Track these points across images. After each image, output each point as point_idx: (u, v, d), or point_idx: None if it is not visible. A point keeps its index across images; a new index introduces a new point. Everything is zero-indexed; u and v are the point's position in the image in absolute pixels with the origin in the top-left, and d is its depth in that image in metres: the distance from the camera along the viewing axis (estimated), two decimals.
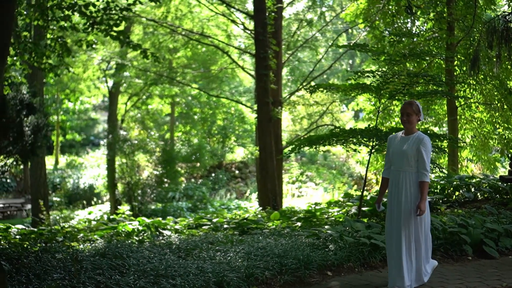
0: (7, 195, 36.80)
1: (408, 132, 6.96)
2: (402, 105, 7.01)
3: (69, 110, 49.43)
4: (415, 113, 6.88)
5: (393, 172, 7.02)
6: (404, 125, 6.97)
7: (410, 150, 6.80)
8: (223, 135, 41.46)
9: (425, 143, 6.79)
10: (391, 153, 7.08)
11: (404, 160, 6.85)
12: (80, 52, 26.90)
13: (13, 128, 14.88)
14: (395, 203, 6.91)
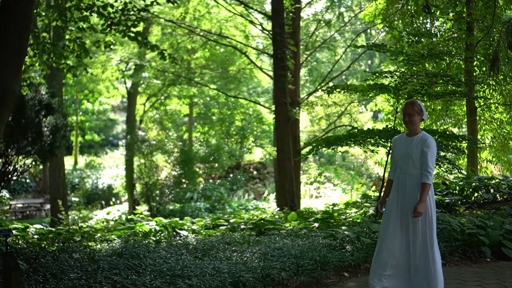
0: (26, 195, 37.04)
1: (412, 133, 6.70)
2: (403, 105, 6.77)
3: (88, 110, 49.72)
4: (418, 113, 6.62)
5: (399, 174, 6.75)
6: (407, 125, 6.70)
7: (415, 151, 6.55)
8: (241, 135, 41.46)
9: (429, 144, 6.52)
10: (396, 155, 6.83)
11: (409, 162, 6.60)
12: (99, 53, 27.01)
13: (32, 129, 14.98)
14: (399, 206, 6.63)
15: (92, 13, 12.81)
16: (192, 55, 29.55)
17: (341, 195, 31.60)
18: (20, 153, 15.55)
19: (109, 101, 47.66)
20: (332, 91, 12.09)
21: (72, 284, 7.18)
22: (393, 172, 6.93)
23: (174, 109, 39.49)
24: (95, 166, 43.49)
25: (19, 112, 14.62)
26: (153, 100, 35.01)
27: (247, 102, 36.42)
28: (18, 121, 14.70)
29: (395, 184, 6.80)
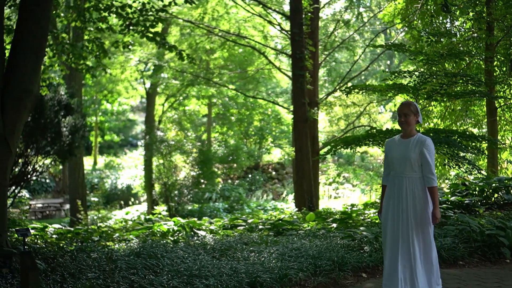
0: (46, 195, 37.29)
1: (407, 135, 6.49)
2: (399, 106, 6.56)
3: (107, 111, 49.96)
4: (414, 113, 6.42)
5: (395, 178, 6.52)
6: (402, 126, 6.48)
7: (412, 153, 6.33)
8: (260, 136, 41.45)
9: (428, 145, 6.33)
10: (391, 158, 6.59)
11: (407, 164, 6.37)
12: (118, 53, 27.13)
13: (51, 129, 15.05)
14: (398, 211, 6.40)
15: (110, 14, 12.86)
16: (210, 55, 29.58)
17: (360, 196, 31.49)
18: (39, 153, 15.63)
19: (128, 102, 47.86)
20: (351, 91, 12.04)
21: (90, 284, 7.20)
22: (387, 176, 6.73)
23: (193, 109, 39.56)
24: (114, 166, 43.69)
25: (38, 112, 14.70)
26: (172, 101, 35.10)
27: (266, 102, 36.40)
28: (37, 122, 14.77)
29: (390, 188, 6.59)
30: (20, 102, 8.75)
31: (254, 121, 40.55)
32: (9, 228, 9.93)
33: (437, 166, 18.12)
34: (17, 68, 8.72)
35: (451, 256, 8.59)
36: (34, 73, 8.92)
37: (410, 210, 6.32)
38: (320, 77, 28.13)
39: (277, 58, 29.87)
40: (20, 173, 15.31)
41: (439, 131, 11.22)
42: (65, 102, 16.15)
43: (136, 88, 38.51)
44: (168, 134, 30.87)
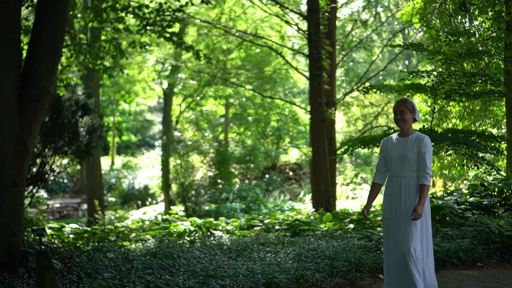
0: (64, 195, 37.49)
1: (405, 133, 6.34)
2: (395, 104, 6.42)
3: (125, 111, 50.13)
4: (410, 110, 6.28)
5: (393, 178, 6.37)
6: (399, 124, 6.32)
7: (411, 152, 6.19)
8: (277, 136, 41.41)
9: (426, 143, 6.18)
10: (388, 157, 6.43)
11: (405, 164, 6.23)
12: (135, 53, 27.21)
13: (68, 129, 15.12)
14: (396, 211, 6.25)
15: (127, 14, 12.89)
16: (227, 55, 29.59)
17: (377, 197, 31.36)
18: (57, 153, 15.71)
19: (145, 102, 48.00)
20: (368, 91, 11.98)
21: (106, 284, 7.20)
22: (380, 175, 6.59)
23: (210, 109, 39.59)
24: (132, 167, 43.83)
25: (56, 112, 14.77)
26: (189, 101, 35.15)
27: (283, 102, 36.37)
28: (55, 122, 14.85)
29: (389, 188, 6.43)
30: (37, 102, 8.78)
31: (271, 121, 40.52)
32: (26, 228, 9.97)
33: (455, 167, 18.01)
34: (34, 68, 8.76)
35: (470, 257, 8.51)
36: (51, 73, 8.95)
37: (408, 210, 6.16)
38: (337, 77, 28.07)
39: (294, 58, 29.82)
40: (37, 173, 15.39)
41: (458, 131, 11.13)
42: (82, 102, 16.22)
43: (154, 88, 38.63)
44: (185, 134, 30.91)
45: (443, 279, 7.63)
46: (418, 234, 6.13)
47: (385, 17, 26.62)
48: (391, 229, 6.33)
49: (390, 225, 6.34)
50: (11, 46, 8.49)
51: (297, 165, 40.00)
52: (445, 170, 18.78)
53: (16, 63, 8.60)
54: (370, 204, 6.66)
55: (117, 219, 25.72)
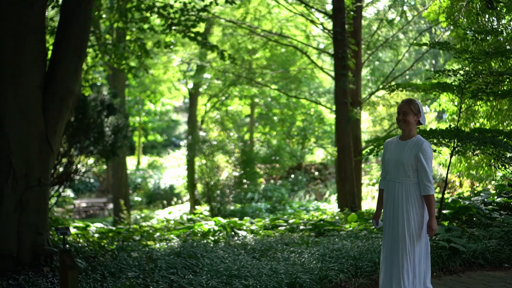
0: (90, 195, 37.75)
1: (406, 136, 6.03)
2: (400, 103, 6.09)
3: (150, 111, 50.34)
4: (414, 113, 5.95)
5: (389, 182, 6.09)
6: (400, 125, 6.02)
7: (407, 157, 5.88)
8: (302, 136, 41.30)
9: (425, 149, 5.85)
10: (387, 160, 6.15)
11: (400, 169, 5.93)
12: (161, 54, 27.29)
13: (94, 129, 15.20)
14: (391, 220, 6.01)
15: (152, 14, 12.92)
16: (252, 55, 29.56)
17: None
18: (83, 152, 15.81)
19: (171, 102, 48.15)
20: (393, 90, 11.87)
21: (130, 283, 7.21)
22: (384, 180, 6.29)
23: (235, 109, 39.60)
24: (157, 166, 43.99)
25: (81, 112, 14.86)
26: (215, 101, 35.17)
27: (308, 102, 36.25)
28: (80, 122, 14.93)
29: (386, 193, 6.17)
30: (62, 102, 8.83)
31: (296, 121, 40.41)
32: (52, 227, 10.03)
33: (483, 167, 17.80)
34: (58, 68, 8.81)
35: (496, 258, 8.40)
36: (75, 73, 9.00)
37: (402, 219, 5.88)
38: (363, 77, 27.89)
39: (320, 58, 29.70)
40: (64, 172, 15.50)
41: (485, 131, 10.98)
42: (107, 102, 16.29)
43: (179, 88, 38.72)
44: (211, 134, 30.93)
45: (469, 280, 7.54)
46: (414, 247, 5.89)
47: (412, 16, 26.39)
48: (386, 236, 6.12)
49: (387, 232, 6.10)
50: (36, 46, 8.55)
51: (323, 165, 39.85)
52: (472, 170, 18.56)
53: (41, 63, 8.66)
54: (379, 213, 6.43)
55: (143, 218, 25.81)
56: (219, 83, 30.91)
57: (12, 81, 8.26)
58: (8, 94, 8.25)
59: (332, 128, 37.63)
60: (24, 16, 8.31)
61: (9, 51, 8.26)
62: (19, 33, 8.28)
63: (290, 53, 29.63)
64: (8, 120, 8.22)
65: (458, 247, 8.30)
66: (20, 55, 8.32)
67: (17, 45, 8.28)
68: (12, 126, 8.24)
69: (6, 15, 8.24)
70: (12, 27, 8.24)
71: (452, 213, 11.18)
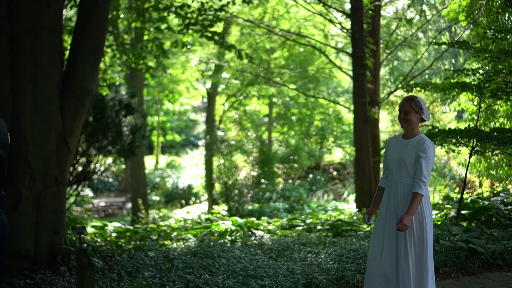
0: (109, 194, 37.93)
1: (408, 135, 5.86)
2: (401, 101, 5.89)
3: (169, 111, 50.47)
4: (416, 111, 5.75)
5: (390, 182, 5.91)
6: (402, 124, 5.85)
7: (408, 157, 5.70)
8: (320, 136, 41.20)
9: (426, 148, 5.66)
10: (388, 160, 5.97)
11: (402, 169, 5.76)
12: (179, 53, 27.35)
13: (112, 128, 15.24)
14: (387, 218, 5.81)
15: (169, 14, 12.94)
16: (271, 55, 29.53)
17: None
18: (101, 152, 15.86)
19: (189, 102, 48.26)
20: (412, 89, 11.81)
21: (146, 283, 7.22)
22: (385, 179, 6.11)
23: (254, 109, 39.60)
24: (176, 166, 44.09)
25: (99, 112, 14.91)
26: (233, 100, 35.18)
27: (327, 102, 36.17)
28: (99, 121, 14.98)
29: (386, 193, 5.97)
30: (79, 101, 8.86)
31: (315, 121, 40.33)
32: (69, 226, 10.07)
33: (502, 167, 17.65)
34: (76, 68, 8.85)
35: None
36: (92, 73, 9.03)
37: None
38: (382, 76, 27.77)
39: (338, 57, 29.60)
40: (82, 172, 15.57)
41: (505, 130, 10.87)
42: (125, 102, 16.33)
43: (197, 88, 38.79)
44: (229, 134, 30.94)
45: (487, 282, 7.47)
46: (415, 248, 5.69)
47: (431, 15, 26.24)
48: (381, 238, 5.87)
49: (382, 234, 5.87)
50: (53, 46, 8.58)
51: (341, 165, 39.72)
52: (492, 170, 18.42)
53: (59, 63, 8.70)
54: (373, 209, 6.23)
55: (161, 218, 25.86)
56: (237, 82, 30.91)
57: (30, 81, 8.29)
58: (25, 94, 8.29)
59: (351, 128, 37.50)
60: (41, 16, 8.34)
61: (27, 51, 8.30)
62: (37, 33, 8.31)
63: (308, 53, 29.58)
64: (26, 120, 8.26)
65: (477, 247, 8.22)
66: (38, 55, 8.35)
67: (35, 45, 8.32)
68: (29, 125, 8.28)
69: (24, 15, 8.28)
70: (30, 27, 8.28)
71: (471, 213, 11.09)
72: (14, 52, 8.25)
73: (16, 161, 8.21)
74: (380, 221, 5.92)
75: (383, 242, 5.83)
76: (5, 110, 8.15)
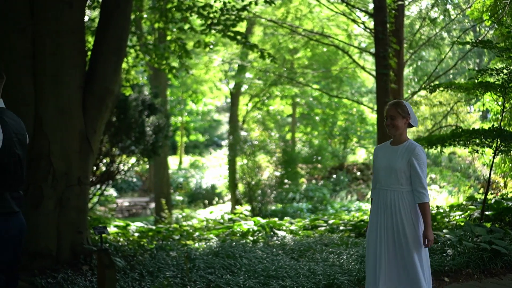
0: (133, 194, 38.09)
1: (397, 141, 5.68)
2: (386, 107, 5.75)
3: (192, 111, 50.60)
4: (402, 115, 5.59)
5: (380, 191, 5.69)
6: (389, 130, 5.66)
7: (399, 163, 5.51)
8: (344, 136, 41.08)
9: (418, 153, 5.50)
10: (377, 168, 5.80)
11: (392, 176, 5.56)
12: (202, 54, 27.41)
13: (135, 128, 15.32)
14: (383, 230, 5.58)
15: (192, 14, 12.97)
16: (294, 55, 29.49)
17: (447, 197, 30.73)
18: (124, 152, 15.95)
19: (213, 102, 48.35)
20: (435, 89, 11.73)
21: (167, 282, 7.24)
22: (375, 189, 5.89)
23: (277, 109, 39.57)
24: (199, 166, 44.18)
25: (123, 112, 14.99)
26: (256, 100, 35.19)
27: (350, 102, 36.07)
28: (122, 121, 15.07)
29: (375, 203, 5.79)
30: (101, 101, 8.92)
31: (338, 121, 40.22)
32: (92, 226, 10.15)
33: None
34: (98, 68, 8.91)
35: None
36: (114, 74, 9.08)
37: (395, 231, 5.51)
38: (406, 76, 27.61)
39: (361, 57, 29.49)
40: (106, 171, 15.67)
41: None
42: (149, 102, 16.41)
43: (220, 88, 38.84)
44: (252, 134, 30.95)
45: (510, 283, 7.40)
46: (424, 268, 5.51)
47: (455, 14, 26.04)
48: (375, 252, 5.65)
49: (375, 247, 5.66)
50: (76, 47, 8.65)
51: (365, 165, 39.55)
52: None
53: (81, 63, 8.77)
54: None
55: (184, 218, 25.92)
56: (260, 83, 30.90)
57: (52, 81, 8.37)
58: (48, 94, 8.36)
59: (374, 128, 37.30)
60: (64, 17, 8.41)
61: (49, 51, 8.37)
62: (59, 34, 8.38)
63: (331, 53, 29.48)
64: (48, 120, 8.33)
65: (500, 249, 8.14)
66: (60, 55, 8.42)
67: (57, 45, 8.39)
68: (52, 125, 8.35)
69: (46, 16, 8.35)
70: (52, 28, 8.35)
71: (495, 214, 10.99)
72: (36, 52, 8.33)
73: (39, 160, 8.28)
74: (372, 234, 5.73)
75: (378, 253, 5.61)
76: (28, 110, 8.23)
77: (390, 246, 5.55)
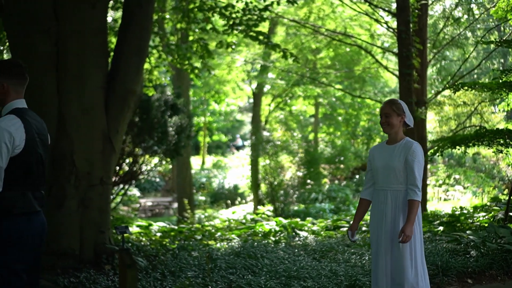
0: (156, 194, 38.25)
1: (393, 140, 5.60)
2: (381, 106, 5.65)
3: (215, 111, 50.70)
4: (397, 113, 5.52)
5: (378, 192, 5.61)
6: (384, 129, 5.61)
7: (397, 162, 5.44)
8: (367, 136, 40.90)
9: (415, 151, 5.43)
10: (374, 168, 5.67)
11: (391, 175, 5.48)
12: (224, 54, 27.44)
13: (157, 129, 15.37)
14: (382, 231, 5.50)
15: (214, 14, 12.99)
16: (316, 55, 29.42)
17: (471, 198, 30.50)
18: (147, 152, 16.01)
19: (235, 102, 48.40)
20: (459, 89, 11.65)
21: (189, 282, 7.26)
22: (367, 190, 5.82)
23: (300, 109, 39.52)
24: (222, 166, 44.25)
25: (145, 112, 15.05)
26: (278, 101, 35.17)
27: (373, 102, 35.92)
28: (144, 121, 15.13)
29: (375, 204, 5.69)
30: (124, 102, 8.96)
31: (361, 121, 40.06)
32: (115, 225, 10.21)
33: None
34: (120, 69, 8.94)
35: None
36: (137, 74, 9.12)
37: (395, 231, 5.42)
38: (429, 76, 27.42)
39: (384, 57, 29.35)
40: (128, 171, 15.75)
41: None
42: (171, 102, 16.45)
43: (243, 88, 38.86)
44: (274, 134, 30.94)
45: None
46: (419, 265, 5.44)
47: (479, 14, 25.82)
48: (380, 254, 5.56)
49: (379, 249, 5.57)
50: (99, 47, 8.70)
51: None
52: None
53: (104, 63, 8.82)
54: (356, 224, 5.89)
55: (206, 218, 25.95)
56: (283, 83, 30.86)
57: (75, 81, 8.43)
58: (71, 94, 8.42)
59: None
60: (87, 17, 8.46)
61: (73, 52, 8.43)
62: (82, 34, 8.44)
63: (354, 53, 29.36)
64: (71, 120, 8.39)
65: None
66: (83, 55, 8.48)
67: (80, 46, 8.45)
68: (75, 125, 8.41)
69: (69, 16, 8.40)
70: (75, 28, 8.40)
71: None
72: (59, 52, 8.38)
73: (62, 160, 8.33)
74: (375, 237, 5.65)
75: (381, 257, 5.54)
76: (51, 110, 8.29)
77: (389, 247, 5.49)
